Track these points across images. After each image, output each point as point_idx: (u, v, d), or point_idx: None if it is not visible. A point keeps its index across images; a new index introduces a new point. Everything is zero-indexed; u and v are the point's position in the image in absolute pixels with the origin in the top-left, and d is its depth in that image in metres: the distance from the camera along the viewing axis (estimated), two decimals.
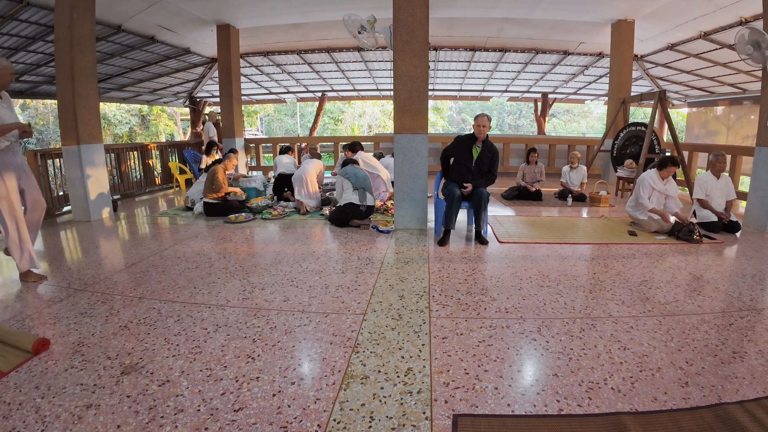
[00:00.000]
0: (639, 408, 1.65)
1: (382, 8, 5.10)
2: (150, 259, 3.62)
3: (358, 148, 6.04)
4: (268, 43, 9.85)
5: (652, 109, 6.55)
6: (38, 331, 2.33)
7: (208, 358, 2.03)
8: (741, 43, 4.65)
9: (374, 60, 11.11)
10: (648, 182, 4.42)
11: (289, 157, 6.84)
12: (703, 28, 7.59)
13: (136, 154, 7.90)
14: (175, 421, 1.58)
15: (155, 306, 2.64)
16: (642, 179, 4.49)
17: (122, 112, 21.28)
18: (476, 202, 4.07)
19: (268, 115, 28.71)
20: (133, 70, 9.76)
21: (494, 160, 4.29)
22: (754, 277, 3.16)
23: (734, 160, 6.41)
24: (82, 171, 5.14)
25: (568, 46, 9.81)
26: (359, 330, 2.30)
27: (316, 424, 1.56)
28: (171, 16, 7.48)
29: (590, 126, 30.77)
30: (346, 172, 4.90)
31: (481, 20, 8.21)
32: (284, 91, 14.61)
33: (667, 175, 4.41)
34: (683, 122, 16.34)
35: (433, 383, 1.82)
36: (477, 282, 3.05)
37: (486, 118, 4.21)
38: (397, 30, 4.40)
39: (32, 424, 1.57)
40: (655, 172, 4.46)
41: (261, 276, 3.17)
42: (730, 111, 11.19)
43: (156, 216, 5.68)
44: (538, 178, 6.71)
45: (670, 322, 2.40)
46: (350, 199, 4.67)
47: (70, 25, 4.90)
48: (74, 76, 4.99)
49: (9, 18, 6.15)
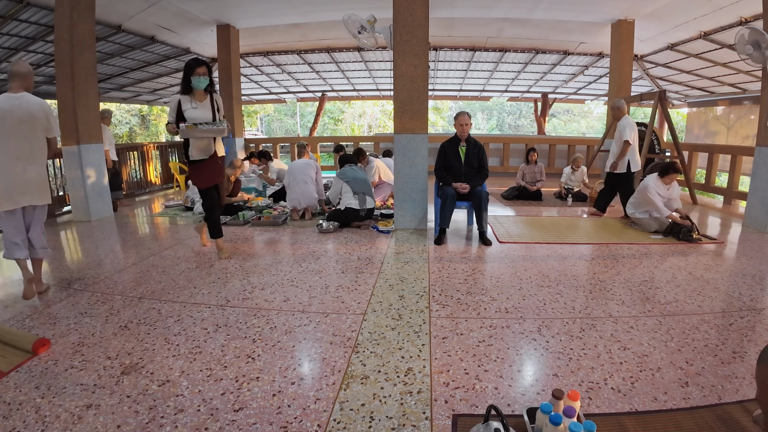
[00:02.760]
0: (639, 408, 1.65)
1: (382, 8, 5.10)
2: (150, 259, 3.62)
3: (356, 157, 5.70)
4: (268, 43, 9.86)
5: (652, 109, 6.55)
6: (38, 331, 2.33)
7: (208, 358, 2.03)
8: (741, 43, 4.64)
9: (374, 60, 11.11)
10: (654, 190, 4.37)
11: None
12: (703, 28, 7.58)
13: (136, 154, 7.91)
14: (175, 421, 1.58)
15: (155, 306, 2.64)
16: (647, 187, 4.39)
17: (122, 112, 21.27)
18: (476, 202, 4.07)
19: (268, 115, 28.71)
20: (133, 70, 9.77)
21: (482, 156, 4.31)
22: (754, 277, 3.16)
23: (734, 160, 6.41)
24: (82, 171, 5.14)
25: (568, 46, 9.81)
26: (359, 330, 2.30)
27: (316, 424, 1.56)
28: (171, 16, 7.48)
29: (590, 126, 30.76)
30: (345, 174, 4.82)
31: (481, 20, 8.21)
32: (284, 91, 14.61)
33: (669, 182, 4.38)
34: (683, 122, 16.34)
35: (433, 383, 1.82)
36: (477, 282, 3.05)
37: (467, 116, 4.23)
38: (397, 30, 4.40)
39: (32, 424, 1.57)
40: (657, 179, 4.42)
41: (261, 276, 3.17)
42: (730, 111, 11.19)
43: (156, 216, 5.68)
44: (538, 178, 6.71)
45: (670, 322, 2.40)
46: (350, 203, 4.64)
47: (70, 25, 4.90)
48: (74, 76, 4.99)
49: (9, 18, 6.16)
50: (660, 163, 5.41)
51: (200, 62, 3.26)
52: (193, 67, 3.22)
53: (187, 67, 3.25)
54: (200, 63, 3.26)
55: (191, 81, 3.24)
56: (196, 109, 3.31)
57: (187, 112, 3.29)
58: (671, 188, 4.43)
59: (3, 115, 2.59)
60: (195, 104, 3.30)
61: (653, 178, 4.44)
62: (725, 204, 6.43)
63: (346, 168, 4.94)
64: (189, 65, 3.24)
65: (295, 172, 5.12)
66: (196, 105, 3.31)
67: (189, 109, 3.29)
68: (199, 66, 3.23)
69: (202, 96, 3.36)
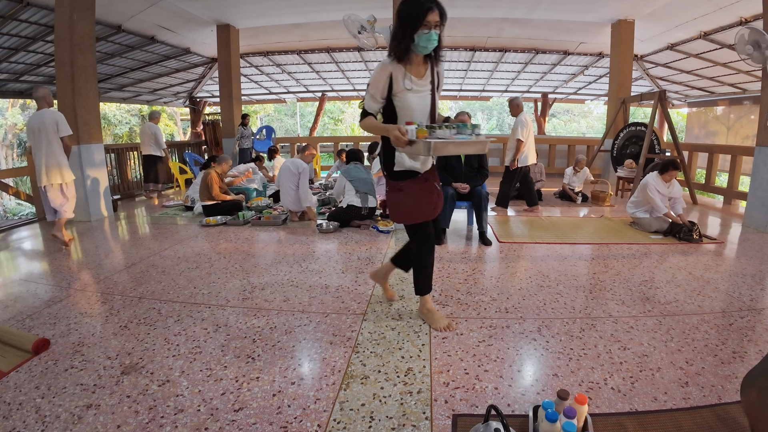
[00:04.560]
0: (639, 408, 1.65)
1: (382, 8, 5.10)
2: (150, 259, 3.62)
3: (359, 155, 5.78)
4: (268, 43, 9.85)
5: (652, 109, 6.55)
6: (38, 331, 2.33)
7: (208, 358, 2.03)
8: (741, 43, 4.65)
9: (374, 60, 11.10)
10: (654, 187, 4.37)
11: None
12: (703, 28, 7.58)
13: (136, 154, 7.91)
14: (175, 421, 1.58)
15: (155, 306, 2.64)
16: (647, 184, 4.41)
17: (122, 112, 21.26)
18: (476, 202, 4.08)
19: (268, 115, 28.70)
20: (133, 70, 9.76)
21: (482, 156, 4.30)
22: (754, 277, 3.16)
23: (734, 160, 6.41)
24: (82, 171, 5.14)
25: (568, 46, 9.81)
26: (359, 330, 2.30)
27: (316, 424, 1.56)
28: (171, 16, 7.48)
29: (590, 126, 30.74)
30: (349, 173, 4.83)
31: (481, 20, 8.21)
32: (284, 91, 14.61)
33: (669, 179, 4.38)
34: (683, 122, 16.33)
35: (433, 383, 1.82)
36: (477, 282, 3.05)
37: (467, 115, 4.23)
38: None
39: (32, 424, 1.57)
40: (657, 176, 4.43)
41: (261, 276, 3.17)
42: (730, 111, 11.19)
43: (156, 216, 5.68)
44: (538, 178, 6.71)
45: (670, 322, 2.40)
46: (352, 201, 4.65)
47: (70, 25, 4.89)
48: (74, 76, 4.99)
49: (9, 18, 6.15)
50: (660, 162, 5.43)
51: (432, 2, 1.85)
52: (423, 11, 1.83)
53: (410, 10, 1.85)
54: (432, 3, 1.85)
55: (414, 38, 1.88)
56: (413, 93, 2.01)
57: (401, 96, 2.00)
58: (671, 186, 4.42)
59: (32, 128, 3.97)
60: (411, 81, 1.99)
61: (653, 176, 4.44)
62: (725, 204, 6.43)
63: (350, 166, 4.94)
64: (416, 3, 1.84)
65: (281, 178, 5.09)
66: (412, 83, 2.00)
67: (403, 92, 1.99)
68: (431, 11, 1.84)
69: (421, 66, 2.03)
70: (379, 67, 1.99)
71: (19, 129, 18.41)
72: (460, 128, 1.96)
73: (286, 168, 5.06)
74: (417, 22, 1.84)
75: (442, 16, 1.88)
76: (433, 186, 2.20)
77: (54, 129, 3.93)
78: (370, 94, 2.03)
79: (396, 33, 1.92)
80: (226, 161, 5.55)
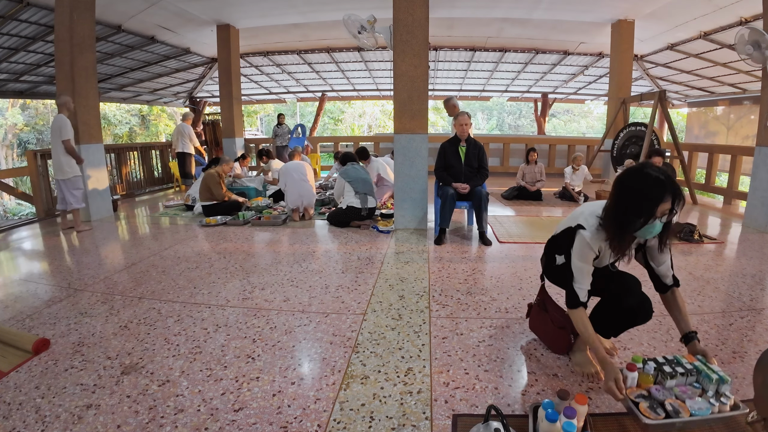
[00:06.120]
0: None
1: (382, 8, 5.09)
2: (150, 259, 3.62)
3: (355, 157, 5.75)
4: (268, 43, 9.86)
5: (652, 109, 6.55)
6: (38, 331, 2.33)
7: (208, 358, 2.03)
8: (741, 43, 4.64)
9: (374, 60, 11.11)
10: None
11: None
12: (703, 28, 7.59)
13: (136, 154, 7.91)
14: (175, 421, 1.58)
15: (155, 306, 2.64)
16: None
17: (122, 112, 21.25)
18: (476, 202, 4.07)
19: (268, 115, 28.69)
20: (133, 70, 9.77)
21: (482, 156, 4.30)
22: (754, 277, 3.16)
23: (734, 160, 6.41)
24: (82, 171, 5.13)
25: (568, 46, 9.81)
26: (359, 330, 2.30)
27: (316, 424, 1.56)
28: (171, 16, 7.48)
29: (590, 126, 30.75)
30: (347, 174, 4.82)
31: (481, 20, 8.21)
32: (284, 91, 14.61)
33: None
34: (683, 122, 16.33)
35: (433, 383, 1.82)
36: (477, 282, 3.05)
37: (467, 116, 4.23)
38: (396, 30, 4.40)
39: (32, 424, 1.57)
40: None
41: (261, 276, 3.17)
42: (730, 111, 11.19)
43: (156, 216, 5.68)
44: (538, 177, 6.71)
45: (670, 322, 2.39)
46: (352, 202, 4.65)
47: (70, 25, 4.89)
48: (74, 76, 4.99)
49: (9, 18, 6.15)
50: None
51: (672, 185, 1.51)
52: (660, 196, 1.50)
53: (647, 191, 1.53)
54: (672, 187, 1.51)
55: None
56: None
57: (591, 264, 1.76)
58: None
59: (52, 129, 4.65)
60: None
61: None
62: (725, 204, 6.43)
63: (348, 167, 4.93)
64: (656, 183, 1.52)
65: (291, 172, 5.08)
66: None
67: (598, 260, 1.81)
68: (666, 196, 1.50)
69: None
70: (588, 241, 1.67)
71: (19, 129, 18.41)
72: (699, 375, 1.46)
73: (296, 163, 5.19)
74: (652, 210, 1.51)
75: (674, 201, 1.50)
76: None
77: (58, 133, 4.53)
78: (578, 269, 1.69)
79: (618, 213, 1.62)
80: (227, 162, 5.57)
